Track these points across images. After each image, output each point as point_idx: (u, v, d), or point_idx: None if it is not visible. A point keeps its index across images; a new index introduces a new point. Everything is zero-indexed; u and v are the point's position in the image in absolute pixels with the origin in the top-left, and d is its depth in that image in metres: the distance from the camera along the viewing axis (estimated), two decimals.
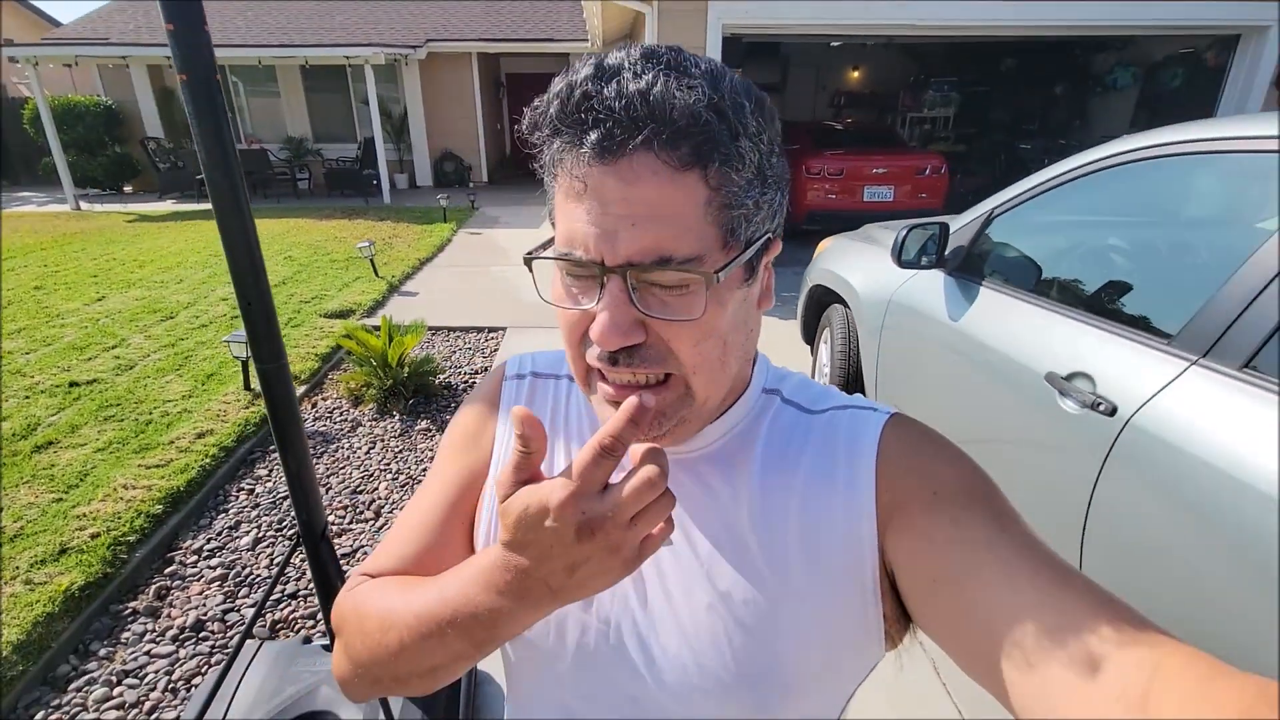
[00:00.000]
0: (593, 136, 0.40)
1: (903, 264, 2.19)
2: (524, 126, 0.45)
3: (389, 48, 10.18)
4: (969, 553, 0.42)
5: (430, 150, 12.35)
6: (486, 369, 3.99)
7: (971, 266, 2.11)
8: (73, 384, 3.46)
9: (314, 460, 2.99)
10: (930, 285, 2.21)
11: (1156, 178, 1.72)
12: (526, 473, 0.40)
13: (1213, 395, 1.22)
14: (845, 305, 2.86)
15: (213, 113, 1.20)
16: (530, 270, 0.47)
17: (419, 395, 3.51)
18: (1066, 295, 1.77)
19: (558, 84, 0.42)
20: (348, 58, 9.81)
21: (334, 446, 3.11)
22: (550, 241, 0.47)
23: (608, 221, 0.41)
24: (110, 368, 3.70)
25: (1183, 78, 7.80)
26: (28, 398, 3.30)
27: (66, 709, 1.77)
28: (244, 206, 1.32)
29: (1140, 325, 1.48)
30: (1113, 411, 1.37)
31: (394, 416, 3.37)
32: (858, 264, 2.81)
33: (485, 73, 12.44)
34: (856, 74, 12.36)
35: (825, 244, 3.35)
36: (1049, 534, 1.54)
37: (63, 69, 11.88)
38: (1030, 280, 1.90)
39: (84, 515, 2.35)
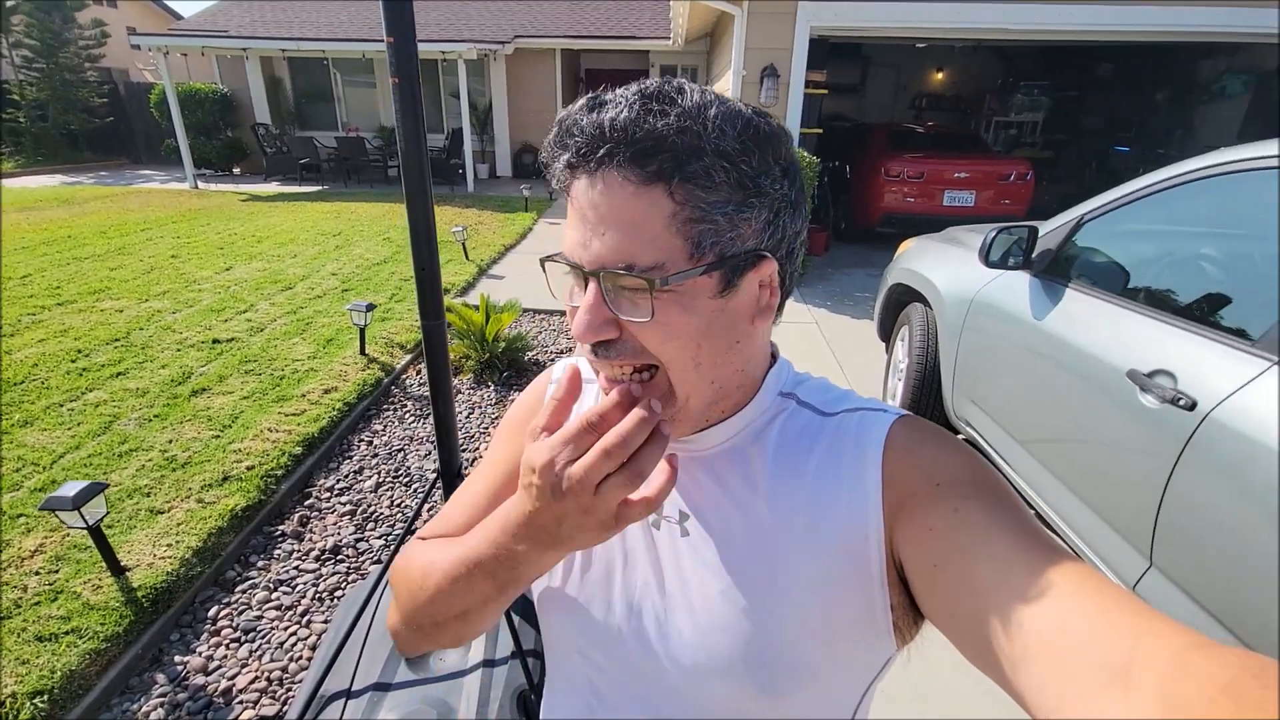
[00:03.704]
0: (568, 154, 0.47)
1: (990, 264, 2.29)
2: (543, 152, 0.53)
3: (480, 43, 10.67)
4: (966, 538, 0.44)
5: (511, 142, 12.87)
6: (571, 349, 4.26)
7: (1058, 269, 2.20)
8: (215, 340, 3.92)
9: (419, 420, 3.32)
10: (1015, 286, 2.30)
11: (1259, 189, 1.74)
12: (550, 426, 0.47)
13: None
14: (926, 304, 2.96)
15: (413, 111, 1.45)
16: (544, 270, 0.55)
17: (512, 369, 3.81)
18: (1153, 300, 1.84)
19: (560, 114, 0.49)
20: (443, 53, 10.31)
21: None
22: None
23: (584, 229, 0.47)
24: (244, 329, 4.16)
25: None
26: (179, 350, 3.77)
27: (235, 606, 2.11)
28: (428, 190, 1.57)
29: (1224, 328, 1.56)
30: (1192, 406, 1.46)
31: (489, 386, 3.68)
32: (941, 264, 2.90)
33: (567, 68, 12.83)
34: (940, 76, 12.08)
35: (907, 244, 3.44)
36: (1122, 526, 1.65)
37: (180, 58, 12.93)
38: (1117, 285, 1.97)
39: (239, 450, 2.72)
